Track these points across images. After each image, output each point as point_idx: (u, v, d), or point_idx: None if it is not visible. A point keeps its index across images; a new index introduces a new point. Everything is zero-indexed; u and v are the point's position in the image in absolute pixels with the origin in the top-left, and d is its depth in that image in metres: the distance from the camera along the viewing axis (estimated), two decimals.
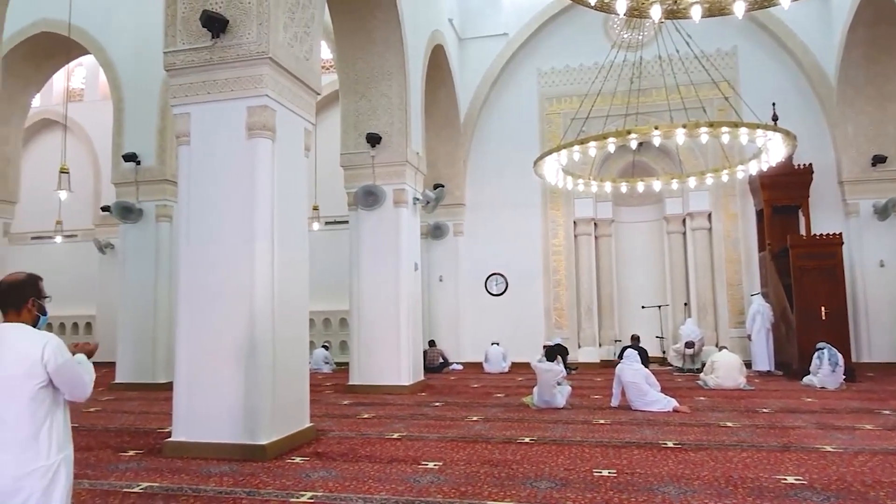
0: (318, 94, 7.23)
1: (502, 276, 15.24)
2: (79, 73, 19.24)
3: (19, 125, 13.68)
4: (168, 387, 10.85)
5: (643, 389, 8.24)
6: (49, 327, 3.11)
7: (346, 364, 11.88)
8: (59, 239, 16.89)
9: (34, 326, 2.62)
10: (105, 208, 15.27)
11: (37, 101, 15.71)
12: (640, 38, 13.05)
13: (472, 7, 15.55)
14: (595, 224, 15.10)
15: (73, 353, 2.69)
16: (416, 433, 6.94)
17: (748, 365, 11.57)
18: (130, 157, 11.76)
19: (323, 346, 15.18)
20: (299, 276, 6.75)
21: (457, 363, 14.53)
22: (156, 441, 6.64)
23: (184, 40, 6.41)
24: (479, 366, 14.25)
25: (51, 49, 13.05)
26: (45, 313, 2.69)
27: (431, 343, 14.27)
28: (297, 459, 5.77)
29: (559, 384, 8.58)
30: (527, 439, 6.49)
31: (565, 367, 9.37)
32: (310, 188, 7.52)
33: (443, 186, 11.87)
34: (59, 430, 2.56)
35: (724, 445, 6.02)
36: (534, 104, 15.46)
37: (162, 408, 9.04)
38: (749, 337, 12.50)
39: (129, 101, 12.19)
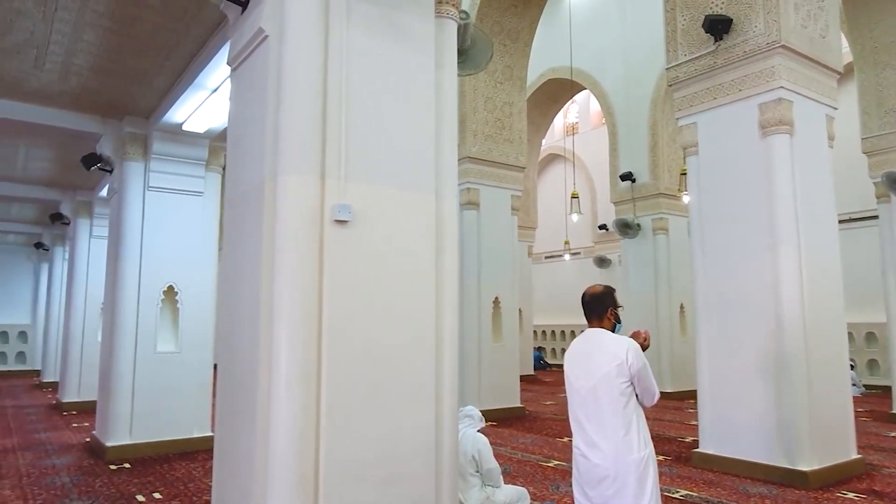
0: (839, 73, 6.28)
1: None
2: (572, 111, 21.81)
3: (535, 163, 16.30)
4: (674, 396, 11.11)
5: None
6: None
7: (880, 388, 9.99)
8: (567, 257, 19.35)
9: (612, 332, 2.90)
10: (602, 226, 16.83)
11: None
12: None
13: None
14: None
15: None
16: None
17: None
18: (626, 177, 12.57)
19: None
20: (831, 282, 5.90)
21: None
22: (680, 449, 6.75)
23: (685, 52, 6.46)
24: None
25: (555, 94, 15.22)
26: (619, 321, 2.95)
27: None
28: (850, 495, 4.98)
29: None
30: None
31: None
32: None
33: None
34: (644, 427, 2.75)
35: None
36: None
37: (673, 416, 9.24)
38: None
39: (621, 125, 13.11)
